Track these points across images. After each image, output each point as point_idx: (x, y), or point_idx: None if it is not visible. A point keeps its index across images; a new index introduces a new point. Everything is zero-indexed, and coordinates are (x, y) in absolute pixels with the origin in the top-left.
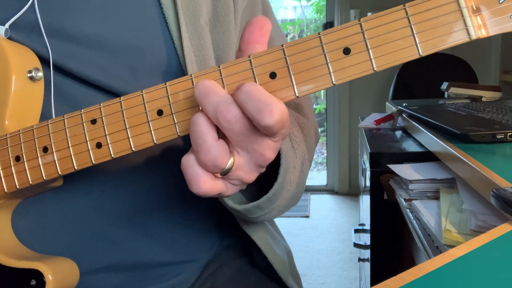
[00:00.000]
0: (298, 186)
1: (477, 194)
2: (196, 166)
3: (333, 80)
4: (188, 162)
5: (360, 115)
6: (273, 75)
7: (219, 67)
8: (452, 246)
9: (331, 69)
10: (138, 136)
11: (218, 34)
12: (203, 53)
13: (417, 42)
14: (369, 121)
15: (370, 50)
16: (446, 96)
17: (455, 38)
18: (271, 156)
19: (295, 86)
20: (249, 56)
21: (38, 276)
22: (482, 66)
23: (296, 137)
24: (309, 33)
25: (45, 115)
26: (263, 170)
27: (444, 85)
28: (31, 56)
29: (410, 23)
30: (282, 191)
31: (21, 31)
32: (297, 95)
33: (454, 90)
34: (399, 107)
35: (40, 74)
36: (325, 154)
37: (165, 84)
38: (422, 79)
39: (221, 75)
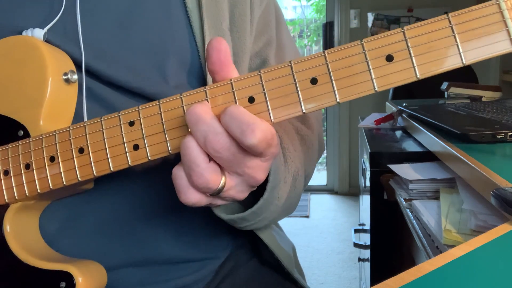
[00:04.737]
0: (290, 199)
1: (477, 194)
2: (186, 178)
3: (376, 86)
4: (179, 173)
5: (360, 115)
6: (314, 81)
7: (259, 71)
8: (452, 246)
9: (373, 76)
10: (175, 139)
11: (233, 39)
12: None
13: (461, 51)
14: (369, 121)
15: (413, 58)
16: (446, 96)
17: (499, 48)
18: (261, 177)
19: (336, 92)
20: (290, 62)
21: (68, 278)
22: (482, 66)
23: (290, 152)
24: (309, 33)
25: (76, 116)
26: (255, 188)
27: (444, 85)
28: (66, 59)
29: (453, 32)
30: (269, 205)
31: (56, 34)
32: (338, 101)
33: (454, 90)
34: (399, 107)
35: (75, 77)
36: (325, 154)
37: (205, 88)
38: (422, 79)
39: (261, 80)
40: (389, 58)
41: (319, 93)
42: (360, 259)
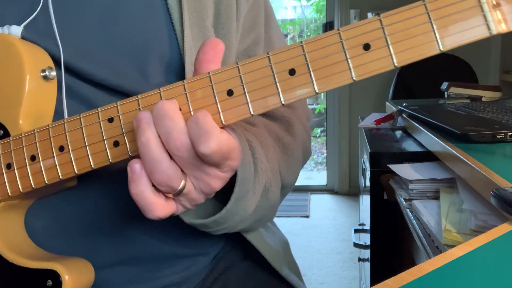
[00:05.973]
0: (262, 210)
1: (477, 194)
2: (147, 195)
3: (353, 76)
4: (138, 190)
5: (360, 115)
6: (292, 72)
7: (237, 64)
8: (452, 246)
9: (351, 65)
10: None
11: (219, 36)
12: None
13: (438, 38)
14: (369, 121)
15: (390, 46)
16: (446, 96)
17: (476, 33)
18: (217, 185)
19: (314, 82)
20: (267, 53)
21: (54, 276)
22: (482, 66)
23: (262, 163)
24: (309, 33)
25: (56, 114)
26: (211, 196)
27: (444, 85)
28: (44, 56)
29: (430, 18)
30: (233, 215)
31: (33, 31)
32: (317, 91)
33: (454, 90)
34: (399, 107)
35: (54, 73)
36: (325, 154)
37: (183, 82)
38: (422, 79)
39: (239, 72)
40: (366, 47)
41: (297, 84)
42: (360, 259)
